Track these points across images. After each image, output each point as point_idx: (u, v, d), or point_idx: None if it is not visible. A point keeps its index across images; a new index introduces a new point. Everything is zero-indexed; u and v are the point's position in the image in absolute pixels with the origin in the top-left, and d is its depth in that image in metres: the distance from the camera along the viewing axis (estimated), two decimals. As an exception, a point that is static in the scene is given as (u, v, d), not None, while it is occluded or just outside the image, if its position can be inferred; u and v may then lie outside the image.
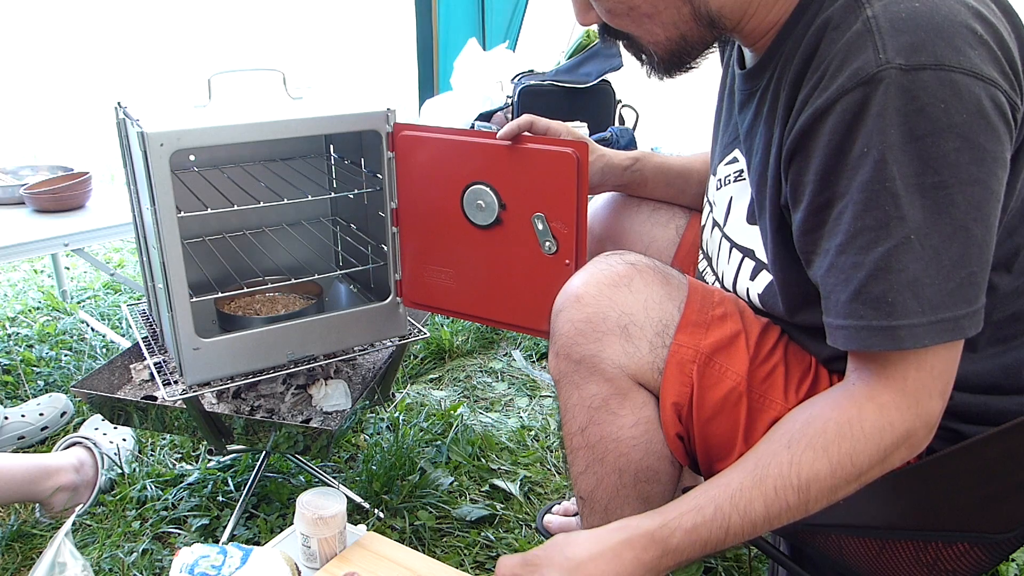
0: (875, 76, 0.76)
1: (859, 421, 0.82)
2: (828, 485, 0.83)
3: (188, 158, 1.52)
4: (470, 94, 3.42)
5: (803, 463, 0.84)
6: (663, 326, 0.97)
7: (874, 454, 0.82)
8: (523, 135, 1.21)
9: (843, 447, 0.83)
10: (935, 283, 0.78)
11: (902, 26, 0.77)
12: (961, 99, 0.75)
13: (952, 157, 0.76)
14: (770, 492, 0.84)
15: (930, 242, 0.77)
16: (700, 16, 0.92)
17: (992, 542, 0.91)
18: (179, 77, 5.82)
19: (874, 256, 0.79)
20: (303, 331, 1.37)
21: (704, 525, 0.86)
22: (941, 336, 0.79)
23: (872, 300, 0.80)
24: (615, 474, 1.04)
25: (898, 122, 0.76)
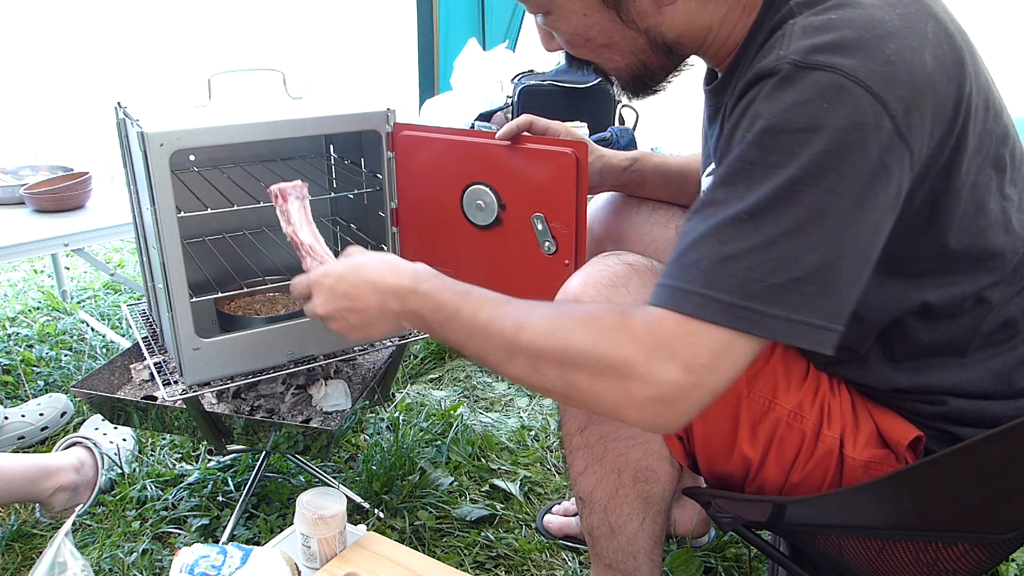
0: (772, 70, 0.77)
1: (601, 317, 0.81)
2: (536, 342, 0.82)
3: (188, 158, 1.52)
4: (470, 94, 3.43)
5: (536, 310, 0.85)
6: None
7: (586, 349, 0.79)
8: (522, 135, 1.21)
9: (570, 322, 0.82)
10: (752, 269, 0.75)
11: (811, 32, 0.78)
12: (845, 107, 0.74)
13: (817, 158, 0.74)
14: (502, 312, 0.86)
15: (764, 229, 0.75)
16: (657, 45, 0.94)
17: (992, 542, 0.91)
18: (179, 77, 5.82)
19: (706, 225, 0.78)
20: (303, 331, 1.37)
21: (449, 291, 0.92)
22: (728, 319, 0.75)
23: (687, 263, 0.78)
24: (614, 474, 1.04)
25: (776, 111, 0.76)
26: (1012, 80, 0.92)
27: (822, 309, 0.75)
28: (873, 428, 0.95)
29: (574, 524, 1.51)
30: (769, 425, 0.95)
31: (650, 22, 0.92)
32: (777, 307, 0.75)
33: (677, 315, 0.77)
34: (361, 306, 0.99)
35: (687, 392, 0.77)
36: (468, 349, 0.90)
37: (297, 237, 1.16)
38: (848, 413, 0.96)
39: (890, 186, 0.77)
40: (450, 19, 4.03)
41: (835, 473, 0.95)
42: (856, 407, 0.97)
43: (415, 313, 0.94)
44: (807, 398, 0.95)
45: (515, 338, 0.84)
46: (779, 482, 0.97)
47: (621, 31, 0.93)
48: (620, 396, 0.78)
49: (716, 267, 0.76)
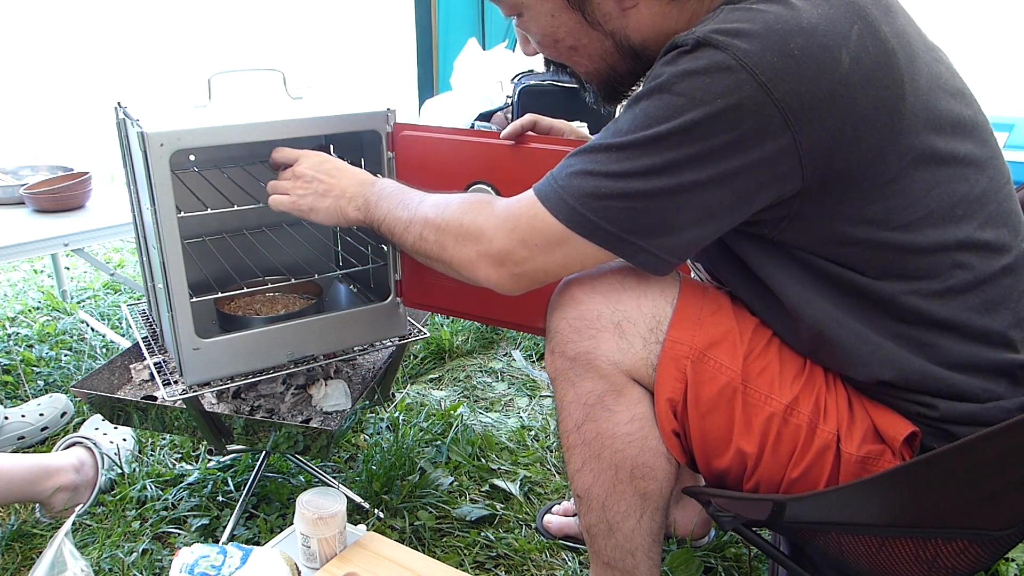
0: (682, 42, 0.84)
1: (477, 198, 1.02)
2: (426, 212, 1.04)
3: (188, 158, 1.52)
4: (470, 94, 3.43)
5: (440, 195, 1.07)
6: (656, 322, 0.98)
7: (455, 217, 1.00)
8: (526, 135, 1.21)
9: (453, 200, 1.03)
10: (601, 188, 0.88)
11: (729, 18, 0.84)
12: (726, 87, 0.80)
13: (686, 125, 0.82)
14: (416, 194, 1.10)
15: (622, 163, 0.86)
16: (623, 48, 0.99)
17: (991, 539, 0.91)
18: (179, 77, 5.83)
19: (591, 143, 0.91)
20: (303, 331, 1.37)
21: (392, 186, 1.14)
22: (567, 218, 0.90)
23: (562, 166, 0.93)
24: (611, 470, 1.04)
25: (670, 72, 0.84)
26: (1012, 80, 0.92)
27: (655, 239, 0.89)
28: (869, 423, 0.95)
29: (574, 524, 1.51)
30: (765, 420, 0.95)
31: (615, 25, 0.97)
32: (611, 224, 0.89)
33: (534, 200, 0.93)
34: (334, 183, 1.18)
35: (519, 261, 0.95)
36: (384, 223, 1.10)
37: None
38: (844, 408, 0.96)
39: (758, 169, 0.84)
40: (450, 19, 4.03)
41: (832, 469, 0.95)
42: (852, 403, 0.97)
43: (363, 196, 1.15)
44: (803, 393, 0.96)
45: (414, 211, 1.06)
46: (776, 478, 0.97)
47: (588, 33, 0.99)
48: (471, 255, 0.98)
49: (575, 176, 0.90)
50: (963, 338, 0.91)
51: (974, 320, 0.91)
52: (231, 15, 7.41)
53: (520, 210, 0.94)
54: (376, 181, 1.17)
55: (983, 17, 3.51)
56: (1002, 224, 0.92)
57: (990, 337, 0.91)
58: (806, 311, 0.94)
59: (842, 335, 0.93)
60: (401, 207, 1.08)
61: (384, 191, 1.13)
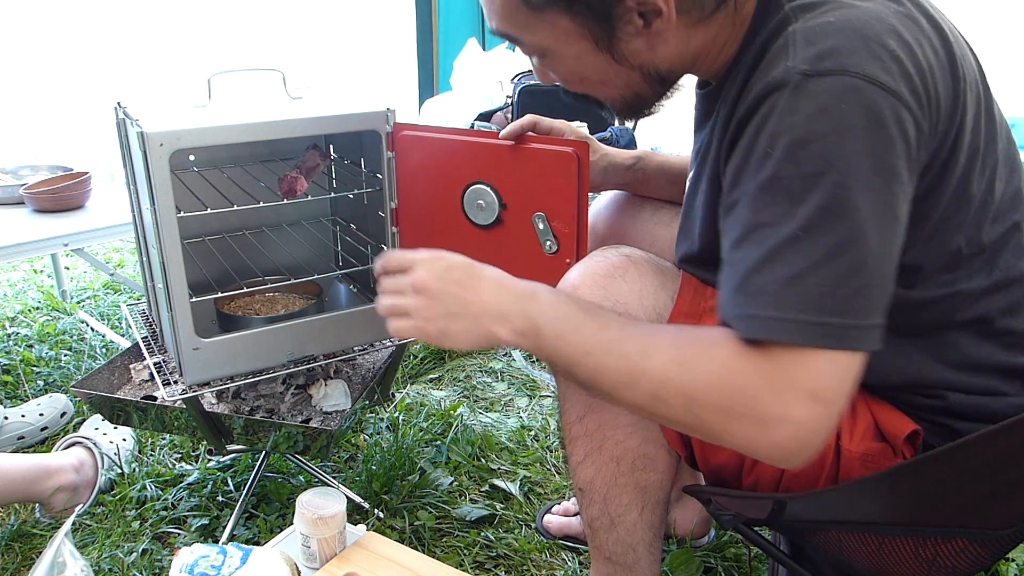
0: (782, 81, 0.77)
1: (720, 345, 0.79)
2: (660, 370, 0.80)
3: (188, 158, 1.52)
4: (470, 94, 3.43)
5: (661, 335, 0.84)
6: (657, 315, 0.98)
7: (713, 383, 0.78)
8: (526, 135, 1.21)
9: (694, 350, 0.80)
10: (822, 285, 0.74)
11: (813, 38, 0.78)
12: (863, 105, 0.75)
13: (853, 159, 0.75)
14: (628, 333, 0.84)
15: (824, 241, 0.74)
16: (650, 77, 0.95)
17: (991, 538, 0.91)
18: (179, 77, 5.82)
19: (761, 250, 0.77)
20: (303, 331, 1.37)
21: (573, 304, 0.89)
22: (819, 339, 0.74)
23: (753, 291, 0.77)
24: (613, 462, 1.04)
25: (799, 123, 0.76)
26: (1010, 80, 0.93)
27: (883, 307, 0.76)
28: (870, 420, 0.95)
29: (574, 524, 1.51)
30: None
31: (643, 59, 0.93)
32: (853, 316, 0.74)
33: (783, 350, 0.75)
34: (471, 297, 0.91)
35: (820, 423, 0.75)
36: (580, 368, 0.85)
37: None
38: None
39: (915, 174, 0.79)
40: (450, 19, 4.03)
41: (832, 465, 0.95)
42: (853, 399, 0.97)
43: (529, 319, 0.88)
44: None
45: (638, 364, 0.81)
46: (775, 474, 0.97)
47: (615, 69, 0.94)
48: (755, 436, 0.77)
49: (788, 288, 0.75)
50: (982, 338, 0.91)
51: (997, 320, 0.90)
52: (231, 15, 7.41)
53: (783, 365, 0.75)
54: (536, 292, 0.90)
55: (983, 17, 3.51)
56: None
57: (1008, 338, 0.91)
58: None
59: None
60: (610, 352, 0.83)
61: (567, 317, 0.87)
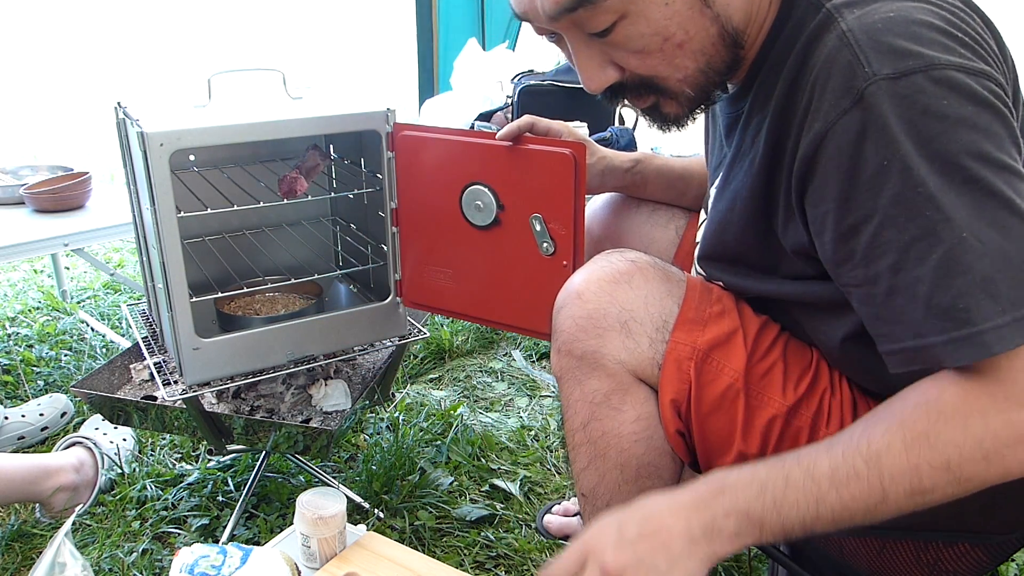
0: (867, 91, 0.75)
1: (939, 400, 0.74)
2: (902, 463, 0.74)
3: (188, 158, 1.52)
4: (470, 94, 3.42)
5: (874, 433, 0.76)
6: (663, 322, 0.98)
7: (959, 440, 0.73)
8: (524, 136, 1.21)
9: (919, 422, 0.74)
10: (1007, 277, 0.72)
11: (880, 36, 0.76)
12: (961, 93, 0.74)
13: (973, 148, 0.73)
14: (836, 454, 0.77)
15: (987, 236, 0.72)
16: (726, 36, 0.89)
17: (993, 543, 0.91)
18: (179, 77, 5.83)
19: (932, 264, 0.73)
20: (303, 331, 1.37)
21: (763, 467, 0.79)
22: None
23: (944, 311, 0.73)
24: (617, 470, 1.04)
25: (905, 129, 0.74)
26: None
27: None
28: None
29: (574, 524, 1.51)
30: (766, 422, 0.95)
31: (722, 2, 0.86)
32: None
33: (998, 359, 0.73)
34: (664, 538, 0.80)
35: None
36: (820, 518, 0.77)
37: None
38: (847, 412, 0.96)
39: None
40: (450, 19, 4.03)
41: None
42: (857, 406, 0.97)
43: (730, 514, 0.79)
44: (806, 396, 0.95)
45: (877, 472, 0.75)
46: None
47: (698, 20, 0.87)
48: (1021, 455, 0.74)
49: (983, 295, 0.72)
50: None
51: None
52: (231, 15, 7.41)
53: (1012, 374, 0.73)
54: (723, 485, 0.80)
55: (983, 17, 3.50)
56: None
57: None
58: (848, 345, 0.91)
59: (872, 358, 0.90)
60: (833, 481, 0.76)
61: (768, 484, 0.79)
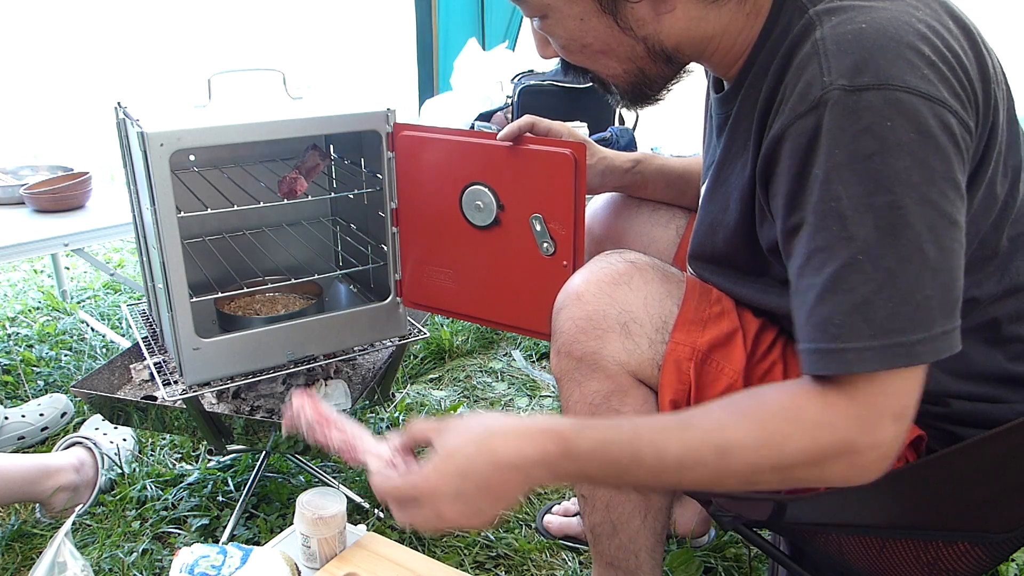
0: (821, 98, 0.75)
1: (800, 409, 0.78)
2: (749, 460, 0.78)
3: (188, 158, 1.52)
4: (470, 94, 3.43)
5: (731, 426, 0.79)
6: (662, 323, 0.98)
7: (806, 448, 0.77)
8: (524, 136, 1.21)
9: (776, 426, 0.78)
10: (887, 306, 0.74)
11: (847, 47, 0.76)
12: (907, 118, 0.73)
13: (903, 176, 0.73)
14: (690, 440, 0.80)
15: (883, 263, 0.74)
16: (655, 53, 0.92)
17: (992, 542, 0.91)
18: (179, 77, 5.83)
19: (823, 277, 0.77)
20: (303, 331, 1.37)
21: (615, 444, 0.81)
22: (893, 362, 0.74)
23: (821, 322, 0.77)
24: None
25: (844, 142, 0.75)
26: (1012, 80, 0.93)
27: (955, 313, 0.76)
28: None
29: (574, 524, 1.51)
30: None
31: (648, 30, 0.90)
32: (920, 331, 0.74)
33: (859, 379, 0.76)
34: (502, 493, 0.83)
35: (901, 437, 0.77)
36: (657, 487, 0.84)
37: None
38: None
39: (965, 176, 0.78)
40: (450, 19, 4.03)
41: None
42: None
43: (570, 476, 0.84)
44: None
45: (722, 464, 0.79)
46: None
47: (618, 38, 0.92)
48: (847, 471, 0.78)
49: (856, 314, 0.75)
50: (989, 345, 0.90)
51: (1004, 326, 0.90)
52: (231, 15, 7.41)
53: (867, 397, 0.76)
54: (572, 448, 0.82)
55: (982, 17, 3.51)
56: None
57: (1015, 346, 0.90)
58: None
59: None
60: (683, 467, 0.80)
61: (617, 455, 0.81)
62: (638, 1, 0.87)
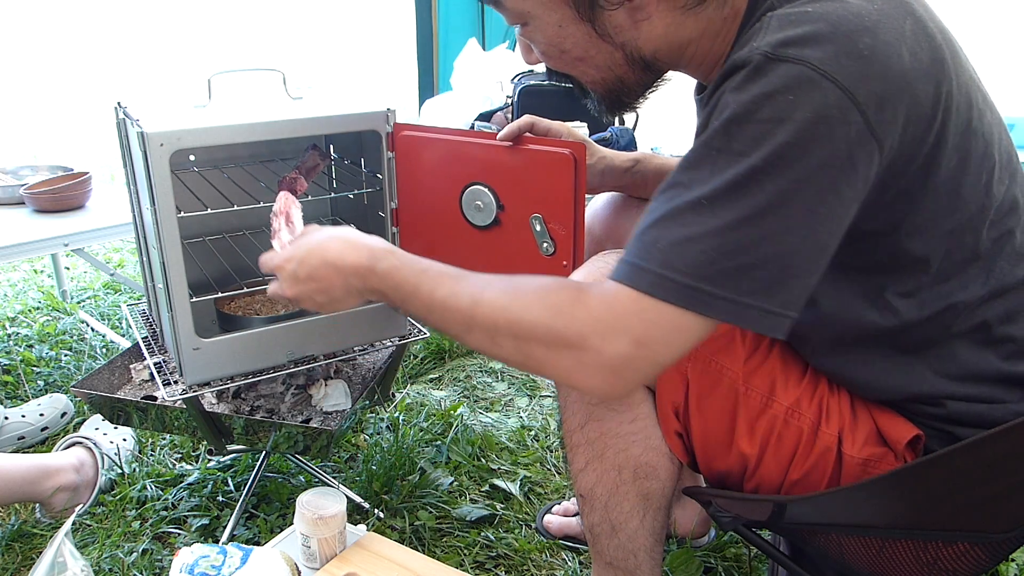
0: (745, 60, 0.77)
1: (556, 292, 0.83)
2: (492, 318, 0.84)
3: (188, 158, 1.52)
4: (470, 94, 3.43)
5: (493, 285, 0.87)
6: None
7: (541, 325, 0.81)
8: (524, 136, 1.21)
9: (525, 297, 0.84)
10: (708, 253, 0.76)
11: (787, 25, 0.77)
12: (810, 99, 0.74)
13: (780, 150, 0.74)
14: (458, 289, 0.88)
15: (722, 214, 0.76)
16: (633, 60, 0.94)
17: (992, 542, 0.91)
18: (179, 77, 5.83)
19: (668, 206, 0.79)
20: (303, 331, 1.37)
21: (406, 273, 0.93)
22: (679, 298, 0.76)
23: (646, 242, 0.80)
24: (614, 471, 1.04)
25: (745, 101, 0.76)
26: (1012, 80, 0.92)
27: (776, 295, 0.77)
28: (872, 426, 0.95)
29: (574, 524, 1.51)
30: (766, 422, 0.95)
31: (626, 37, 0.91)
32: (729, 290, 0.76)
33: (633, 291, 0.78)
34: (326, 286, 1.01)
35: (637, 364, 0.79)
36: (429, 322, 0.94)
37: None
38: (847, 411, 0.96)
39: (855, 180, 0.77)
40: (450, 19, 4.03)
41: (834, 471, 0.95)
42: (855, 405, 0.97)
43: (376, 291, 0.97)
44: (805, 395, 0.96)
45: (472, 313, 0.86)
46: (777, 480, 0.97)
47: (597, 45, 0.93)
48: (572, 365, 0.81)
49: (673, 248, 0.77)
50: (981, 346, 0.90)
51: (995, 327, 0.90)
52: (231, 15, 7.41)
53: (625, 307, 0.79)
54: (375, 267, 0.96)
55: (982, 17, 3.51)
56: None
57: (1007, 346, 0.90)
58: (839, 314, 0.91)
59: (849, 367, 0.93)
60: (447, 308, 0.89)
61: (403, 284, 0.93)
62: (615, 9, 0.89)
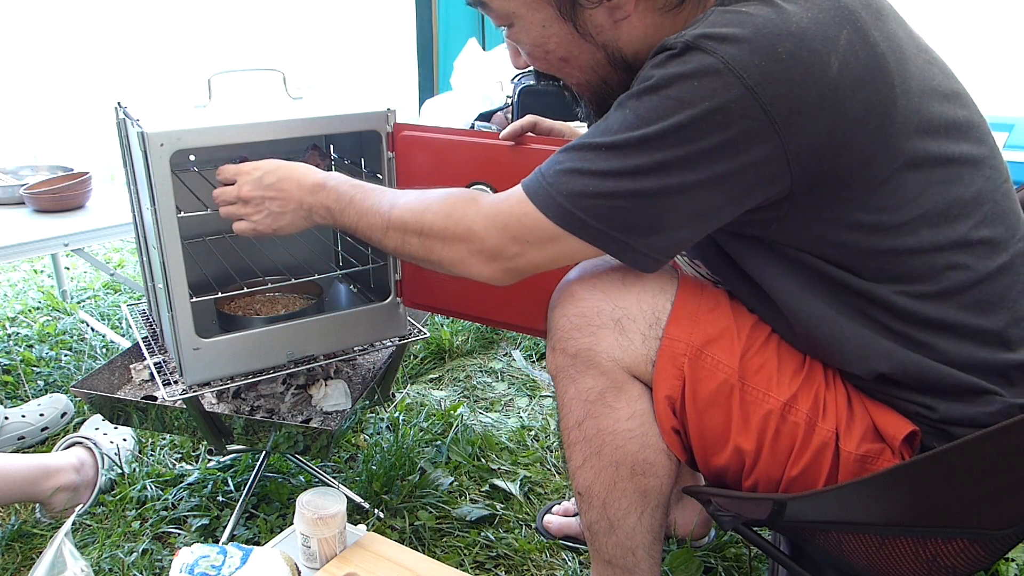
0: (671, 45, 0.85)
1: (456, 195, 1.01)
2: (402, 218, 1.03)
3: (188, 158, 1.52)
4: (470, 94, 3.43)
5: (409, 195, 1.05)
6: (655, 318, 0.98)
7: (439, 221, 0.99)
8: (525, 136, 1.21)
9: (431, 199, 1.01)
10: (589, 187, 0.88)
11: (719, 21, 0.84)
12: (714, 90, 0.81)
13: (674, 128, 0.83)
14: (381, 196, 1.07)
15: (611, 162, 0.87)
16: (615, 60, 0.98)
17: (991, 538, 0.91)
18: (179, 77, 5.83)
19: (582, 140, 0.91)
20: (303, 331, 1.37)
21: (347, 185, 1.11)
22: (557, 216, 0.90)
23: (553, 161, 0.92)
24: (612, 467, 1.04)
25: (660, 75, 0.84)
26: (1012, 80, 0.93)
27: (643, 238, 0.90)
28: (869, 422, 0.95)
29: (574, 524, 1.51)
30: (762, 418, 0.95)
31: (607, 37, 0.96)
32: (601, 222, 0.89)
33: (524, 196, 0.93)
34: (283, 197, 1.15)
35: (511, 256, 0.96)
36: (359, 230, 1.09)
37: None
38: (843, 407, 0.96)
39: (747, 172, 0.85)
40: (450, 19, 4.03)
41: (830, 467, 0.95)
42: (851, 401, 0.97)
43: (324, 205, 1.12)
44: (801, 391, 0.96)
45: (388, 216, 1.04)
46: (775, 476, 0.97)
47: (579, 44, 0.98)
48: (463, 254, 0.98)
49: (566, 174, 0.90)
50: (958, 338, 0.91)
51: (969, 320, 0.91)
52: (231, 15, 7.42)
53: (510, 208, 0.94)
54: (326, 183, 1.13)
55: (982, 17, 3.51)
56: (999, 223, 0.92)
57: (986, 337, 0.91)
58: (799, 309, 0.94)
59: (836, 333, 0.94)
60: (371, 213, 1.06)
61: (343, 196, 1.11)
62: (594, 7, 0.93)
